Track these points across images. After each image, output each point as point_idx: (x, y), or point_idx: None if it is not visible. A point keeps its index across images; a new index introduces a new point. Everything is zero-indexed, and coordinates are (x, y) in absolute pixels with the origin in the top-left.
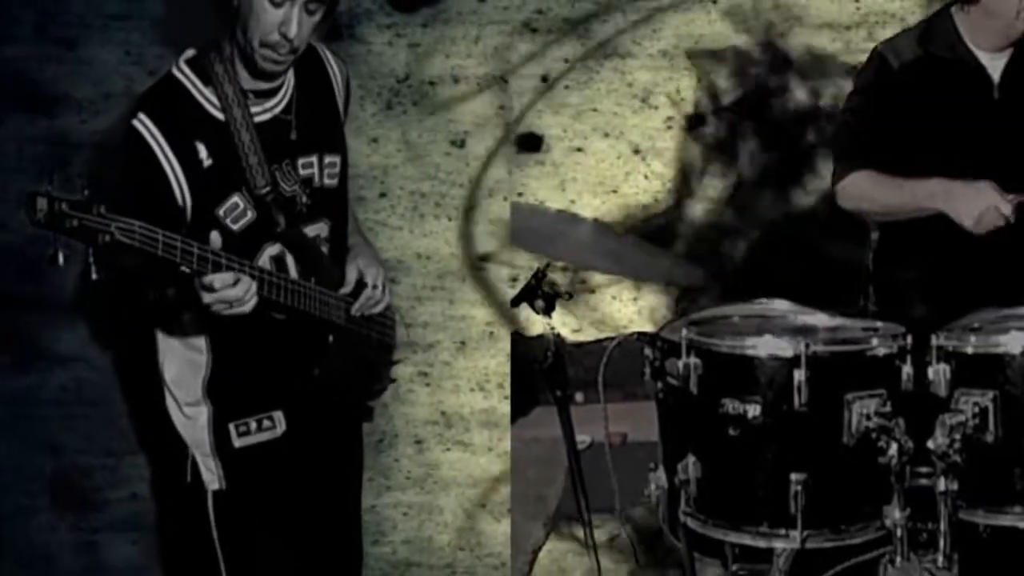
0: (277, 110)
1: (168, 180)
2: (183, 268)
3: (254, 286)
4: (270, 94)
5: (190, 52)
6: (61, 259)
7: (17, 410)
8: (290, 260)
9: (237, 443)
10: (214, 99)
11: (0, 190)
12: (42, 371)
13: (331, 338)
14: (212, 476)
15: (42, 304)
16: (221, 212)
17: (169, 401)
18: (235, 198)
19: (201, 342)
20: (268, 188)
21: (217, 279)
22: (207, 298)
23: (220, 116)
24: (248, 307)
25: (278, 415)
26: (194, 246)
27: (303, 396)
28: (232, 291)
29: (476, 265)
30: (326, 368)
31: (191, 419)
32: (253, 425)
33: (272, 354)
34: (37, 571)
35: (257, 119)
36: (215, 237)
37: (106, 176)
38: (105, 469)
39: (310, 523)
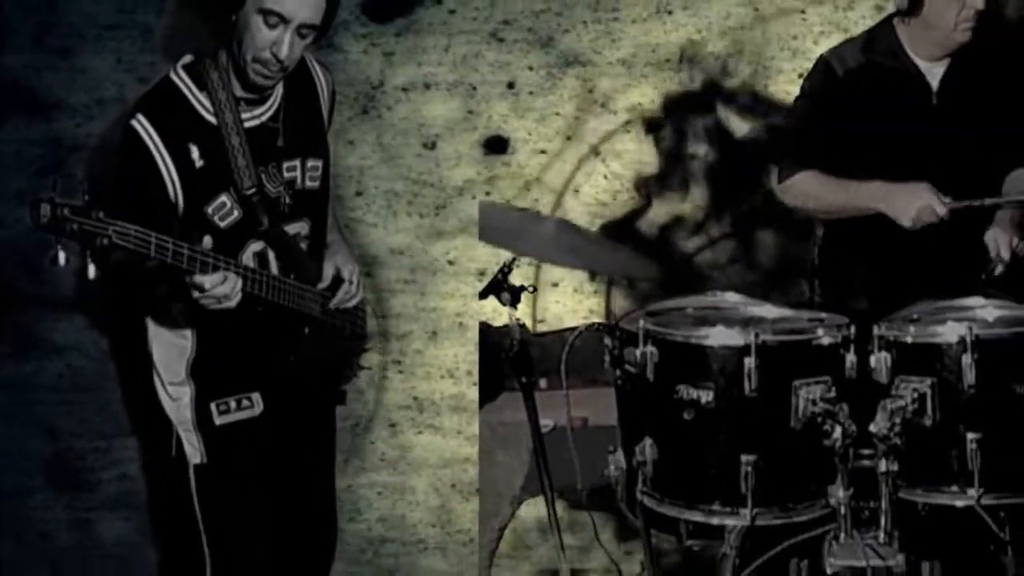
0: (265, 117)
1: (162, 178)
2: (175, 264)
3: (239, 283)
4: (260, 102)
5: (188, 58)
6: (62, 259)
7: (16, 396)
8: (272, 256)
9: (217, 420)
10: (208, 104)
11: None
12: (39, 360)
13: (307, 329)
14: (194, 450)
15: (39, 297)
16: (210, 210)
17: (156, 381)
18: (223, 197)
19: (187, 329)
20: (254, 189)
21: (208, 280)
22: (197, 295)
23: (213, 120)
24: (234, 303)
25: (256, 396)
26: (184, 247)
27: (280, 380)
28: (220, 288)
29: (447, 259)
30: (301, 356)
31: (176, 399)
32: (233, 404)
33: (252, 342)
34: (34, 547)
35: (247, 124)
36: (208, 241)
37: (103, 174)
38: (98, 451)
39: (287, 498)
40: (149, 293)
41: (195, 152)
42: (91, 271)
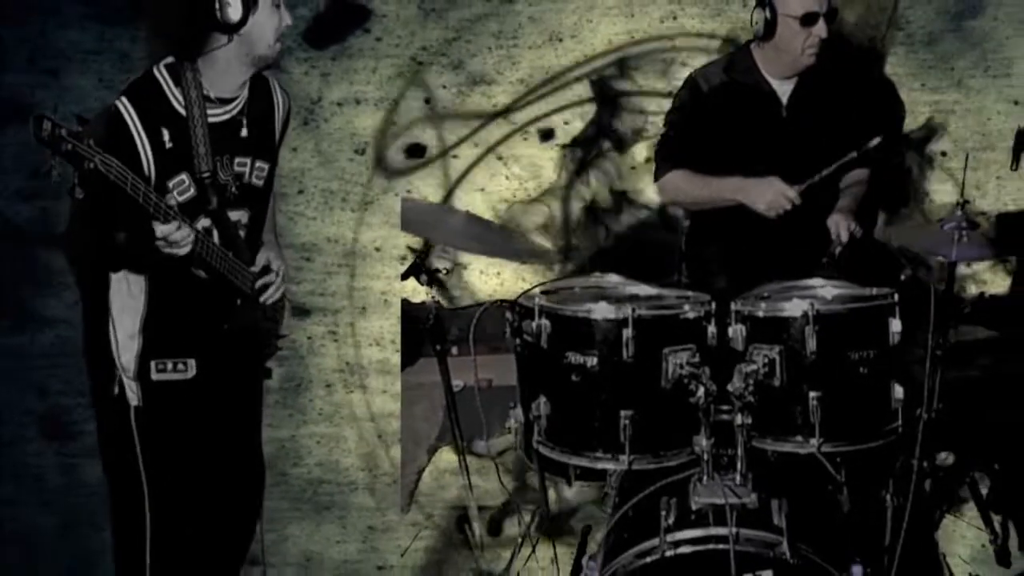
0: (227, 117)
1: (138, 151)
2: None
3: (191, 236)
4: (226, 103)
5: (169, 59)
6: (55, 174)
7: (13, 362)
8: (216, 234)
9: (154, 376)
10: (180, 98)
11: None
12: (33, 332)
13: (239, 301)
14: (133, 395)
15: (34, 279)
16: (171, 184)
17: (111, 331)
18: (183, 175)
19: (141, 291)
20: (208, 174)
21: (167, 227)
22: (158, 232)
23: (183, 112)
24: (184, 250)
25: (191, 362)
26: (153, 193)
27: (214, 348)
28: (175, 235)
29: (374, 247)
30: (233, 324)
31: (126, 348)
32: (169, 365)
33: (194, 309)
34: (29, 487)
35: (211, 120)
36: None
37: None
38: (81, 407)
39: (216, 447)
40: (111, 235)
41: (166, 135)
42: (78, 192)
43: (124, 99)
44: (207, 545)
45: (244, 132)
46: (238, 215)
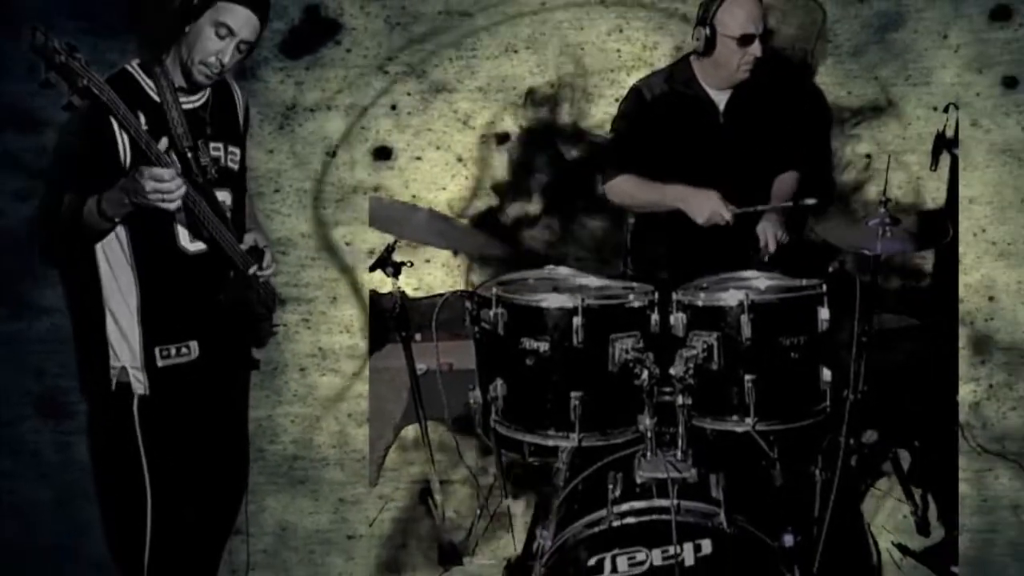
0: (196, 105)
1: (116, 135)
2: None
3: (184, 189)
4: (192, 92)
5: (137, 60)
6: (53, 79)
7: (13, 347)
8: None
9: (160, 363)
10: (153, 87)
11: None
12: (31, 319)
13: (232, 273)
14: (139, 384)
15: (31, 272)
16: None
17: (109, 321)
18: (164, 141)
19: (131, 280)
20: (190, 149)
21: (160, 172)
22: (148, 186)
23: (157, 99)
24: (174, 204)
25: (193, 344)
26: (145, 129)
27: (212, 326)
28: (166, 184)
29: (344, 241)
30: (228, 294)
31: (127, 340)
32: (173, 351)
33: (187, 288)
34: (27, 463)
35: (184, 107)
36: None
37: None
38: (74, 389)
39: (212, 428)
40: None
41: (142, 118)
42: (76, 99)
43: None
44: (201, 520)
45: (213, 119)
46: (222, 195)
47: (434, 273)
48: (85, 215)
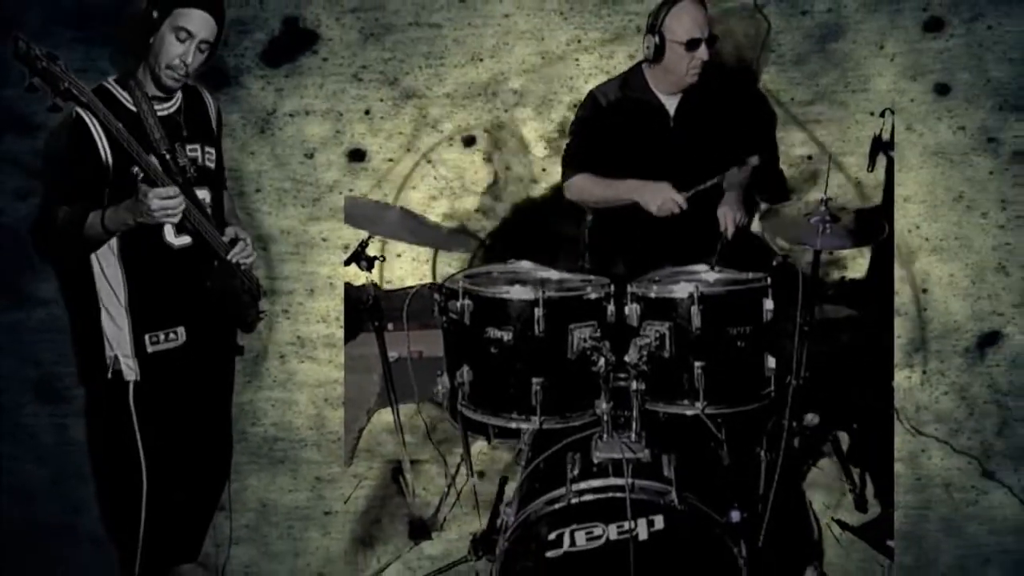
0: (171, 111)
1: (97, 144)
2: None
3: (184, 202)
4: (166, 99)
5: (113, 76)
6: (37, 85)
7: (12, 336)
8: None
9: (149, 349)
10: (129, 99)
11: None
12: (29, 309)
13: (216, 262)
14: (131, 371)
15: (30, 266)
16: (135, 169)
17: (104, 315)
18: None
19: (118, 272)
20: (168, 153)
21: (162, 191)
22: (154, 204)
23: (133, 109)
24: (177, 217)
25: (180, 329)
26: (123, 128)
27: (198, 313)
28: (171, 201)
29: (321, 237)
30: (214, 281)
31: (118, 330)
32: (161, 336)
33: (172, 277)
34: (26, 445)
35: (159, 114)
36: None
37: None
38: (71, 375)
39: (200, 410)
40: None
41: (122, 128)
42: (59, 101)
43: (78, 109)
44: (189, 497)
45: (187, 123)
46: (202, 194)
47: (405, 267)
48: (87, 229)
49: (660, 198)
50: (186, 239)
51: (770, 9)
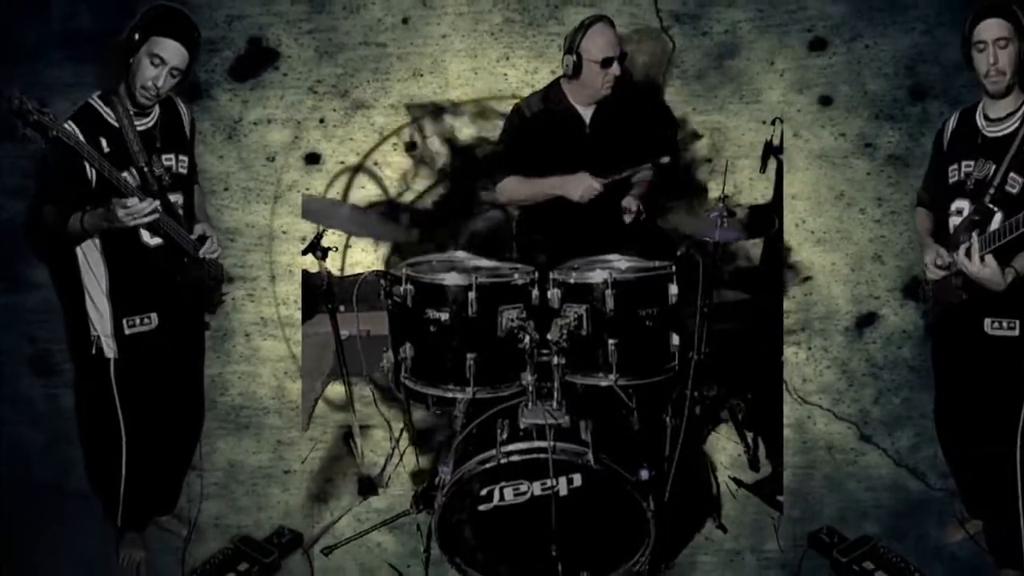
0: (148, 125)
1: (83, 163)
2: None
3: (155, 204)
4: (144, 115)
5: (98, 92)
6: (30, 135)
7: (10, 316)
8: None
9: (127, 331)
10: (112, 115)
11: None
12: (25, 292)
13: (185, 259)
14: (110, 350)
15: (25, 255)
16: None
17: (88, 301)
18: (125, 173)
19: (101, 265)
20: (146, 165)
21: (131, 200)
22: (120, 213)
23: (116, 124)
24: (149, 218)
25: (153, 315)
26: (107, 163)
27: (169, 301)
28: (141, 205)
29: (281, 230)
30: (184, 276)
31: (100, 314)
32: (137, 321)
33: (147, 271)
34: (23, 412)
35: (139, 128)
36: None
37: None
38: (62, 352)
39: (173, 383)
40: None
41: (104, 142)
42: (29, 132)
43: (70, 121)
44: (165, 458)
45: (163, 136)
46: (175, 197)
47: (355, 256)
48: (69, 227)
49: (581, 187)
50: (159, 240)
51: (674, 30)
